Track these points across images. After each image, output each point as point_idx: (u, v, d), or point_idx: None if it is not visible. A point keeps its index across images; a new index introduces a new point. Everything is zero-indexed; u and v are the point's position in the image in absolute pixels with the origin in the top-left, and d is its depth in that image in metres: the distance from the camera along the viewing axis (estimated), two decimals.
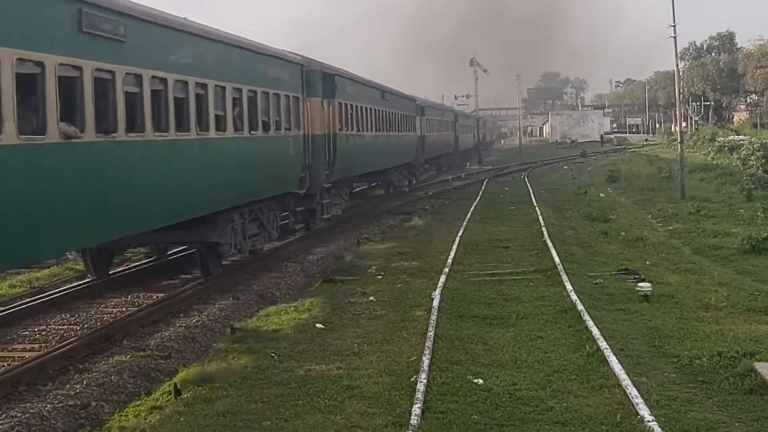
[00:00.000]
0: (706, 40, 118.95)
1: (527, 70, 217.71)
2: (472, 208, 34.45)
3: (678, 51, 40.95)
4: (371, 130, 32.42)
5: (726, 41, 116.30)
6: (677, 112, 46.19)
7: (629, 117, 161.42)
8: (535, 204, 35.33)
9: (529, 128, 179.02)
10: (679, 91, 44.87)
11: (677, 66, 43.54)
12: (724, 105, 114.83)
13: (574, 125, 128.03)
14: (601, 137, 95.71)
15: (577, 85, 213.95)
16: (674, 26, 39.43)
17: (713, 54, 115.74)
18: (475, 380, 10.75)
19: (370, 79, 35.02)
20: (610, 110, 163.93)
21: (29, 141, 10.31)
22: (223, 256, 18.65)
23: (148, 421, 9.58)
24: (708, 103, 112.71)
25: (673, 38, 39.81)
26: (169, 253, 21.06)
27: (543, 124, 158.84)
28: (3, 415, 9.97)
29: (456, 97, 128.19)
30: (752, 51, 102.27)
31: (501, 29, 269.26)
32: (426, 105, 52.48)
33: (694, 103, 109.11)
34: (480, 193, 43.03)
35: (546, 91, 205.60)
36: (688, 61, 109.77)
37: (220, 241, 17.65)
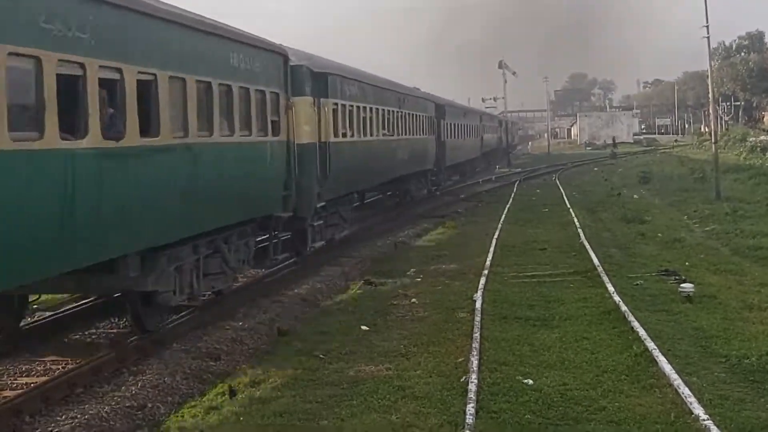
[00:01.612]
0: (735, 40, 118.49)
1: (555, 71, 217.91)
2: (505, 211, 34.49)
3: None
4: (379, 135, 27.61)
5: (755, 41, 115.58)
6: (711, 112, 45.91)
7: (658, 118, 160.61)
8: (568, 206, 35.31)
9: (557, 130, 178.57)
10: (713, 90, 44.58)
11: (710, 66, 43.34)
12: (754, 105, 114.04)
13: (602, 126, 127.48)
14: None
15: (605, 86, 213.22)
16: (707, 26, 39.25)
17: (743, 54, 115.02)
18: (525, 381, 10.84)
19: (391, 80, 32.72)
20: (639, 111, 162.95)
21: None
22: (165, 306, 13.76)
23: (206, 422, 9.74)
24: (738, 103, 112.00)
25: (706, 38, 39.63)
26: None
27: (571, 126, 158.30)
28: (63, 416, 10.18)
29: (483, 100, 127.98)
30: None
31: (530, 30, 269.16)
32: (446, 105, 46.56)
33: (724, 104, 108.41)
34: (512, 196, 43.04)
35: (574, 93, 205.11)
36: (717, 61, 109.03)
37: (158, 289, 12.96)
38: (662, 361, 11.12)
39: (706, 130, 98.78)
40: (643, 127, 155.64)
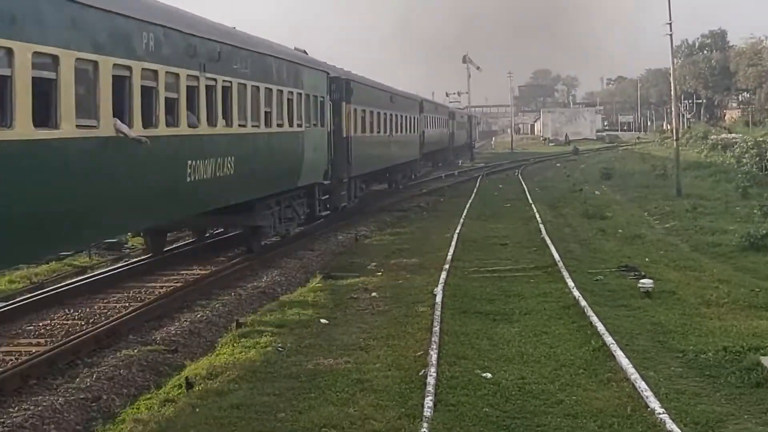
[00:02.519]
0: (698, 38, 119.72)
1: (519, 67, 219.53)
2: (467, 206, 34.66)
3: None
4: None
5: (718, 39, 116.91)
6: (673, 109, 46.45)
7: (621, 115, 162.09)
8: (530, 201, 35.57)
9: (521, 126, 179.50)
10: (675, 88, 45.11)
11: (672, 64, 43.86)
12: (716, 103, 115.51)
13: (566, 123, 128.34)
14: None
15: (569, 83, 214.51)
16: (670, 24, 39.69)
17: (705, 52, 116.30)
18: (484, 374, 10.93)
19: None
20: (602, 108, 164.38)
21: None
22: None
23: (162, 414, 9.72)
24: (700, 101, 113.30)
25: (668, 36, 40.07)
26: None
27: (534, 122, 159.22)
28: (16, 408, 10.10)
29: (447, 95, 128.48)
30: (744, 49, 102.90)
31: (494, 25, 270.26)
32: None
33: (686, 101, 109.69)
34: (474, 191, 43.23)
35: (537, 89, 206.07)
36: (680, 58, 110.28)
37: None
38: (620, 355, 11.26)
39: (668, 127, 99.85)
40: (606, 123, 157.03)
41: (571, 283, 16.64)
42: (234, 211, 18.93)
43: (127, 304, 15.58)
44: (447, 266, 19.30)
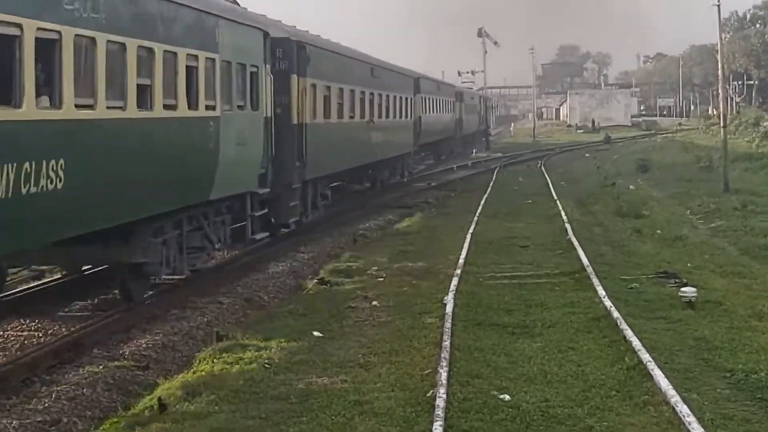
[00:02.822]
0: (750, 10, 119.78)
1: (543, 42, 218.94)
2: (482, 202, 34.74)
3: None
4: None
5: None
6: (720, 92, 46.42)
7: (660, 98, 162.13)
8: (555, 197, 35.64)
9: (544, 109, 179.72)
10: (723, 67, 45.07)
11: (720, 39, 43.79)
12: None
13: (596, 106, 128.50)
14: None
15: (600, 61, 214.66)
16: None
17: (758, 25, 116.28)
18: (501, 396, 10.94)
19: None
20: (638, 90, 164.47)
21: None
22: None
23: None
24: (751, 82, 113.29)
25: (716, 6, 40.03)
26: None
27: (560, 105, 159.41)
28: None
29: (460, 74, 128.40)
30: None
31: None
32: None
33: (735, 82, 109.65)
34: (490, 184, 43.34)
35: (564, 67, 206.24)
36: (729, 33, 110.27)
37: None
38: (658, 375, 11.27)
39: (714, 112, 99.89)
40: (642, 108, 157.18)
41: (601, 292, 16.65)
42: (96, 241, 14.64)
43: (90, 313, 15.62)
44: (459, 271, 19.33)
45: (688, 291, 16.29)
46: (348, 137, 28.93)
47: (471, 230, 26.18)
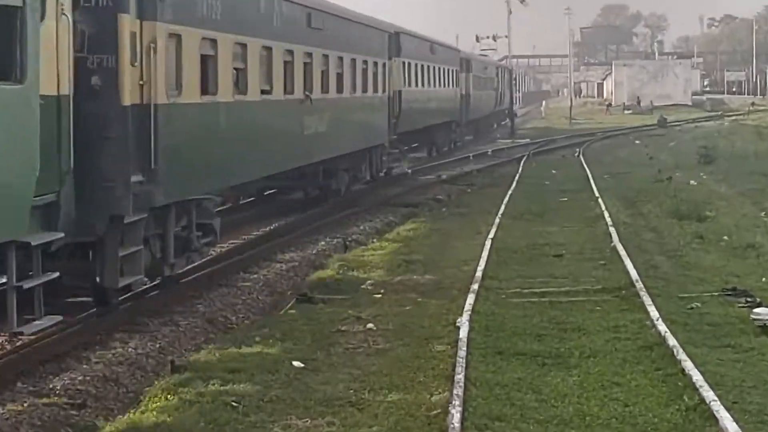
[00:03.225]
0: None
1: (581, 1, 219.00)
2: (506, 199, 34.76)
3: None
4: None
5: None
6: None
7: (728, 71, 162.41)
8: (596, 194, 35.65)
9: (583, 84, 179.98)
10: None
11: None
12: None
13: (649, 81, 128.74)
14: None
15: (654, 24, 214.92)
16: None
17: None
18: None
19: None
20: (701, 60, 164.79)
21: None
22: None
23: None
24: None
25: None
26: None
27: (603, 79, 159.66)
28: None
29: (478, 39, 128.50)
30: None
31: None
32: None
33: None
34: (516, 178, 43.40)
35: (608, 32, 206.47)
36: None
37: None
38: (725, 417, 11.25)
39: None
40: (706, 83, 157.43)
41: (654, 313, 16.63)
42: None
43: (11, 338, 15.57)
44: (476, 286, 19.31)
45: (763, 313, 16.25)
46: (260, 126, 22.89)
47: (491, 235, 26.17)
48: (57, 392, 13.16)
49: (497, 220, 29.18)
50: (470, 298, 18.11)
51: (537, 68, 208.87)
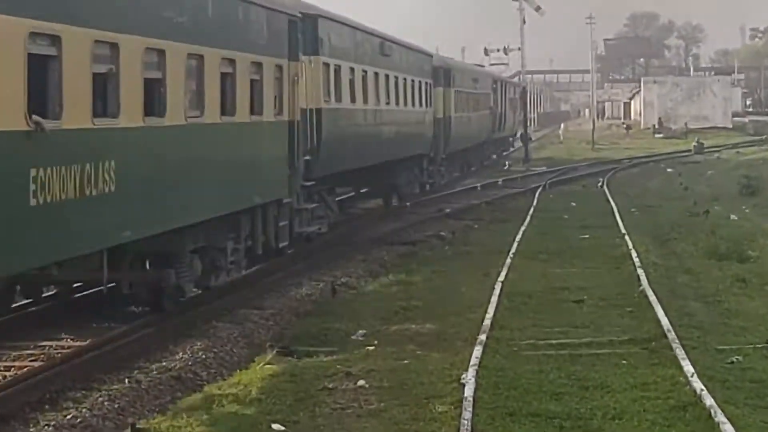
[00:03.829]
0: None
1: (606, 8, 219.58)
2: (518, 236, 34.79)
3: None
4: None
5: None
6: None
7: None
8: (623, 230, 35.70)
9: (607, 104, 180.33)
10: None
11: None
12: None
13: (683, 100, 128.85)
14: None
15: (688, 35, 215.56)
16: None
17: None
18: None
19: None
20: (742, 77, 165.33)
21: None
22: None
23: None
24: None
25: None
26: None
27: (631, 98, 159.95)
28: None
29: (487, 53, 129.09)
30: None
31: None
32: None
33: None
34: (530, 212, 43.46)
35: (636, 44, 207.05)
36: None
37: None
38: None
39: None
40: (748, 102, 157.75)
41: (689, 368, 16.62)
42: None
43: None
44: (483, 337, 19.31)
45: None
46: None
47: (501, 277, 26.17)
48: None
49: (508, 261, 29.21)
50: (477, 351, 18.08)
51: (554, 85, 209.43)
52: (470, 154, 67.32)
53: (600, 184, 58.71)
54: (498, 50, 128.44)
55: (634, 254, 29.57)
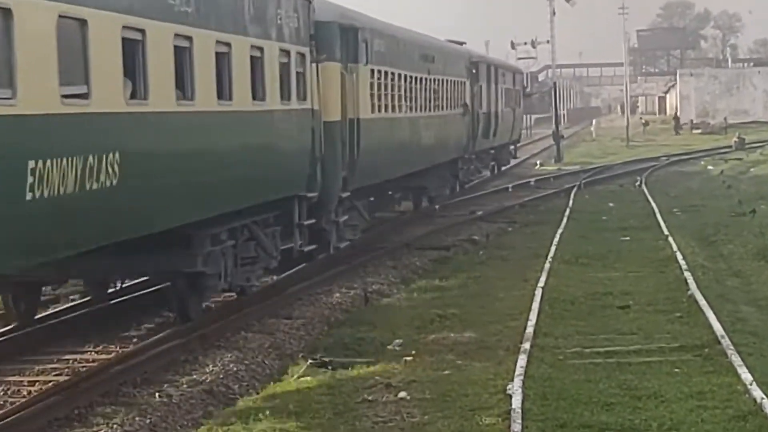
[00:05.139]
0: None
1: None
2: (555, 239, 34.74)
3: None
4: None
5: None
6: None
7: None
8: (665, 231, 35.62)
9: (642, 99, 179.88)
10: None
11: None
12: None
13: (721, 94, 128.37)
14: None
15: (725, 25, 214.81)
16: None
17: None
18: None
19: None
20: None
21: None
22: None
23: None
24: None
25: None
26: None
27: (666, 92, 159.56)
28: None
29: (514, 46, 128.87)
30: None
31: None
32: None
33: None
34: (566, 213, 43.40)
35: (670, 35, 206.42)
36: None
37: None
38: None
39: None
40: None
41: (746, 376, 16.61)
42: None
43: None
44: (527, 345, 19.33)
45: None
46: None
47: (541, 283, 26.15)
48: None
49: (547, 265, 29.20)
50: (521, 360, 18.13)
51: (584, 80, 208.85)
52: (503, 151, 64.13)
53: (638, 183, 58.53)
54: (525, 43, 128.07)
55: (679, 256, 29.52)
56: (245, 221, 22.90)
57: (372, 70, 31.38)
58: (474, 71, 52.51)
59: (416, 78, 39.21)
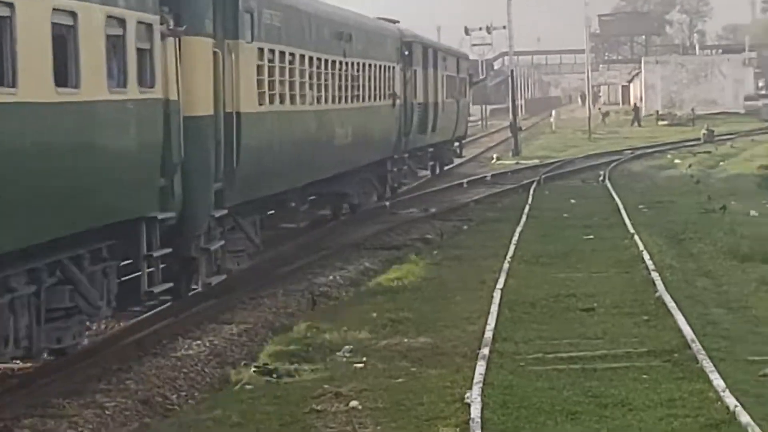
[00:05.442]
0: None
1: None
2: (514, 238, 34.78)
3: None
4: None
5: None
6: None
7: None
8: (631, 229, 35.74)
9: (604, 88, 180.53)
10: None
11: None
12: None
13: (689, 83, 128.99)
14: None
15: (692, 9, 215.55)
16: None
17: None
18: None
19: None
20: (754, 55, 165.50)
21: None
22: None
23: None
24: None
25: None
26: None
27: (629, 81, 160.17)
28: None
29: (468, 32, 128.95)
30: None
31: None
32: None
33: None
34: (525, 210, 43.50)
35: (634, 21, 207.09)
36: None
37: None
38: None
39: None
40: (761, 84, 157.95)
41: (719, 382, 16.69)
42: None
43: None
44: (486, 351, 19.36)
45: None
46: None
47: (500, 284, 26.21)
48: None
49: (506, 265, 29.24)
50: (480, 367, 18.14)
51: (543, 68, 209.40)
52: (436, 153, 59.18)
53: (601, 178, 58.69)
54: (480, 29, 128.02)
55: (646, 256, 29.66)
56: (57, 257, 17.93)
57: (261, 50, 26.75)
58: (407, 53, 47.86)
59: (327, 61, 34.63)
